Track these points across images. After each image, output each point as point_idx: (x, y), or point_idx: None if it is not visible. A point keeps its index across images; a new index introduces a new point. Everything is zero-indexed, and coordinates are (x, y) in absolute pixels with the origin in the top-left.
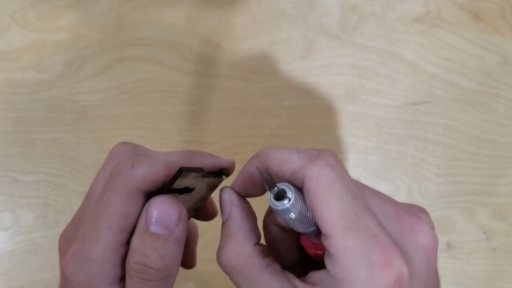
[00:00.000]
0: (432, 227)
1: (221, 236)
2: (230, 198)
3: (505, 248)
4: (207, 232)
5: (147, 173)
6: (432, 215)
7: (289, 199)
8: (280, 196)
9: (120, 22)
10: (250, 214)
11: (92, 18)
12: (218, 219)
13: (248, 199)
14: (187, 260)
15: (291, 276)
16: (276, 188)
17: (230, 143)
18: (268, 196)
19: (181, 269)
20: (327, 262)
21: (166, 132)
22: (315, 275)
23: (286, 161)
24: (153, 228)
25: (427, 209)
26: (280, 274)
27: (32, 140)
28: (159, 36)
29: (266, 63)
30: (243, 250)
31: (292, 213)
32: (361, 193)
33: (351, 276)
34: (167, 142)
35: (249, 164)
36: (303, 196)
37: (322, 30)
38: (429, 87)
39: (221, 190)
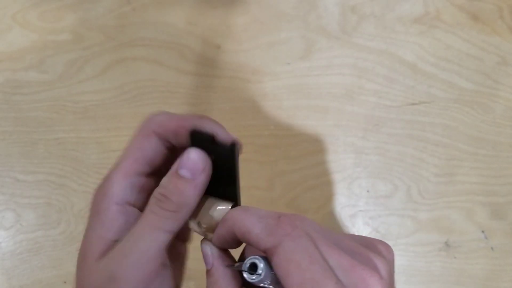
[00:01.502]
0: (381, 277)
1: (207, 283)
2: (211, 251)
3: (503, 248)
4: None
5: (161, 119)
6: (431, 215)
7: (260, 272)
8: (253, 266)
9: (121, 22)
10: (231, 262)
11: (93, 19)
12: None
13: None
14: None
15: None
16: (247, 262)
17: None
18: (242, 266)
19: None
20: None
21: None
22: None
23: (248, 232)
24: (181, 171)
25: (426, 209)
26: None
27: (33, 140)
28: (160, 37)
29: (266, 64)
30: None
31: (265, 282)
32: (319, 253)
33: None
34: None
35: (221, 229)
36: None
37: (321, 30)
38: (428, 88)
39: (201, 243)
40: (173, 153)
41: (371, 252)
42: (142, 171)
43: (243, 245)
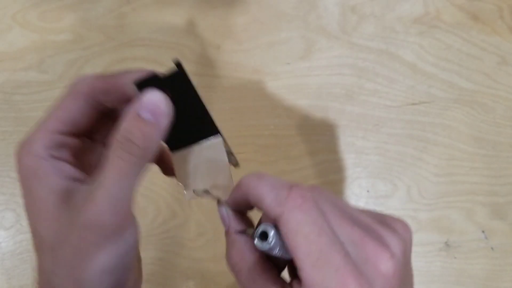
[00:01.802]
0: (393, 254)
1: (226, 243)
2: (227, 213)
3: (503, 248)
4: (207, 232)
5: (88, 80)
6: (431, 215)
7: (270, 241)
8: (264, 234)
9: (121, 22)
10: (247, 223)
11: (93, 19)
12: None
13: None
14: (168, 168)
15: (286, 284)
16: (259, 230)
17: (230, 143)
18: (254, 235)
19: (181, 270)
20: (302, 284)
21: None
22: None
23: (261, 200)
24: (142, 113)
25: (426, 209)
26: (276, 280)
27: None
28: (160, 37)
29: (266, 64)
30: (245, 255)
31: (275, 250)
32: (328, 225)
33: None
34: None
35: (236, 194)
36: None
37: (321, 30)
38: (428, 88)
39: (218, 206)
40: (101, 113)
41: (386, 229)
42: (66, 130)
43: None
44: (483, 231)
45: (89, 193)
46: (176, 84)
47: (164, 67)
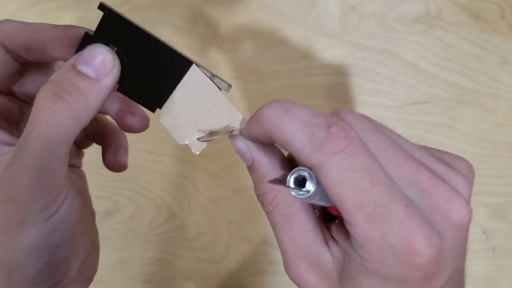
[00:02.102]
0: (467, 201)
1: (253, 180)
2: (247, 144)
3: (504, 248)
4: (207, 232)
5: (8, 31)
6: None
7: (310, 189)
8: (300, 181)
9: None
10: (275, 152)
11: (92, 18)
12: (217, 221)
13: None
14: (114, 158)
15: (323, 227)
16: (292, 174)
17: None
18: (287, 183)
19: (181, 270)
20: (352, 239)
21: (167, 132)
22: (340, 236)
23: (290, 143)
24: (81, 67)
25: None
26: (315, 219)
27: None
28: (160, 37)
29: (266, 63)
30: (282, 189)
31: (315, 198)
32: (382, 169)
33: (378, 260)
34: (167, 142)
35: (255, 130)
36: None
37: (322, 30)
38: (429, 87)
39: (230, 139)
40: (26, 66)
41: (451, 168)
42: None
43: None
44: (484, 232)
45: (8, 160)
46: (118, 34)
47: None
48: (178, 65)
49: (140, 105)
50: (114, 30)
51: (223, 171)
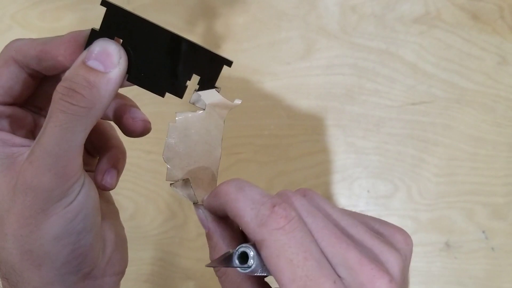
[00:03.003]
0: (392, 277)
1: (209, 246)
2: (205, 214)
3: (504, 248)
4: None
5: (20, 46)
6: (432, 215)
7: (251, 264)
8: (244, 255)
9: None
10: (229, 225)
11: (92, 19)
12: None
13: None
14: (101, 177)
15: None
16: (238, 250)
17: (230, 143)
18: (232, 259)
19: (181, 270)
20: None
21: (166, 132)
22: None
23: (239, 217)
24: (90, 62)
25: (426, 209)
26: (261, 285)
27: None
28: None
29: (266, 63)
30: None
31: (257, 271)
32: (317, 246)
33: None
34: None
35: (213, 202)
36: None
37: (322, 30)
38: (429, 87)
39: (194, 207)
40: (39, 80)
41: (385, 244)
42: (1, 100)
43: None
44: (483, 232)
45: (30, 154)
46: (122, 26)
47: None
48: (180, 47)
49: (149, 91)
50: (118, 23)
51: (223, 171)
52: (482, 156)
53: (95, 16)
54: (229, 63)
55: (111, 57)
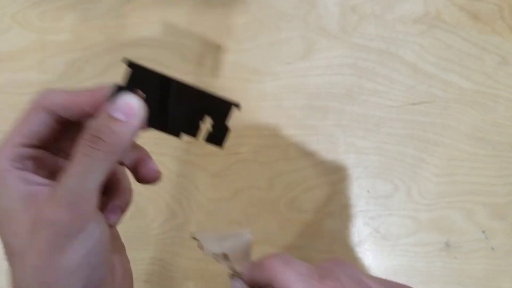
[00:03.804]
0: None
1: None
2: (243, 286)
3: (504, 248)
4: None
5: (51, 95)
6: (431, 215)
7: None
8: None
9: (121, 22)
10: None
11: (93, 19)
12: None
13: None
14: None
15: None
16: None
17: (230, 143)
18: None
19: (181, 270)
20: None
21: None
22: None
23: None
24: (114, 113)
25: (426, 209)
26: None
27: None
28: (160, 37)
29: (266, 64)
30: None
31: None
32: None
33: None
34: (167, 142)
35: (258, 275)
36: None
37: (322, 30)
38: (429, 87)
39: (231, 279)
40: (63, 126)
41: None
42: (29, 143)
43: None
44: (483, 231)
45: (53, 191)
46: (148, 82)
47: (164, 67)
48: (192, 94)
49: (166, 134)
50: (138, 78)
51: (223, 171)
52: (482, 156)
53: (96, 16)
54: (237, 106)
55: (132, 109)
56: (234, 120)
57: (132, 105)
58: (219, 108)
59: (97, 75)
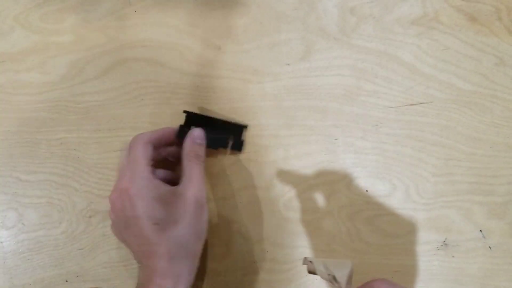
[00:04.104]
0: None
1: None
2: None
3: (501, 247)
4: (207, 231)
5: (148, 134)
6: (429, 214)
7: None
8: None
9: (122, 24)
10: None
11: (94, 20)
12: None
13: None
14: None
15: None
16: None
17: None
18: None
19: None
20: None
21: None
22: None
23: None
24: (196, 140)
25: (424, 208)
26: None
27: (35, 140)
28: (161, 38)
29: (266, 64)
30: None
31: None
32: None
33: None
34: None
35: None
36: None
37: (321, 31)
38: (426, 88)
39: None
40: (157, 148)
41: None
42: (150, 162)
43: None
44: (481, 231)
45: (179, 193)
46: (196, 120)
47: (164, 68)
48: (221, 123)
49: (214, 149)
50: (191, 119)
51: (223, 171)
52: (479, 156)
53: (97, 18)
54: (246, 127)
55: (202, 137)
56: (235, 121)
57: (201, 134)
58: (236, 130)
59: (99, 76)
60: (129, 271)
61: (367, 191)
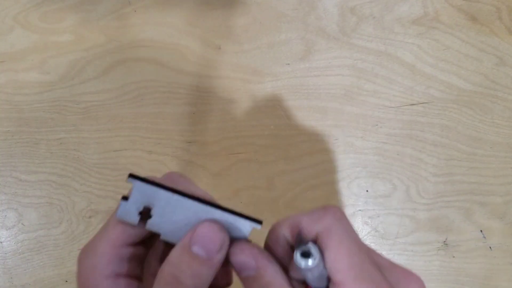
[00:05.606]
0: (423, 284)
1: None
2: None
3: (501, 247)
4: None
5: (119, 232)
6: (430, 214)
7: (314, 259)
8: (305, 254)
9: (122, 24)
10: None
11: (94, 20)
12: None
13: None
14: (222, 279)
15: None
16: (302, 246)
17: (230, 143)
18: (294, 254)
19: None
20: None
21: (168, 132)
22: None
23: (299, 223)
24: (195, 249)
25: (425, 208)
26: None
27: (35, 140)
28: (161, 38)
29: (266, 64)
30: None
31: (317, 271)
32: (363, 245)
33: None
34: (168, 142)
35: (278, 228)
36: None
37: (321, 31)
38: (427, 88)
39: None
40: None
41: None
42: (131, 241)
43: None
44: (481, 231)
45: None
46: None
47: (164, 68)
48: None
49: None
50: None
51: (223, 170)
52: (480, 156)
53: (97, 17)
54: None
55: (214, 242)
56: (235, 120)
57: (213, 237)
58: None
59: (99, 76)
60: None
61: (367, 191)
